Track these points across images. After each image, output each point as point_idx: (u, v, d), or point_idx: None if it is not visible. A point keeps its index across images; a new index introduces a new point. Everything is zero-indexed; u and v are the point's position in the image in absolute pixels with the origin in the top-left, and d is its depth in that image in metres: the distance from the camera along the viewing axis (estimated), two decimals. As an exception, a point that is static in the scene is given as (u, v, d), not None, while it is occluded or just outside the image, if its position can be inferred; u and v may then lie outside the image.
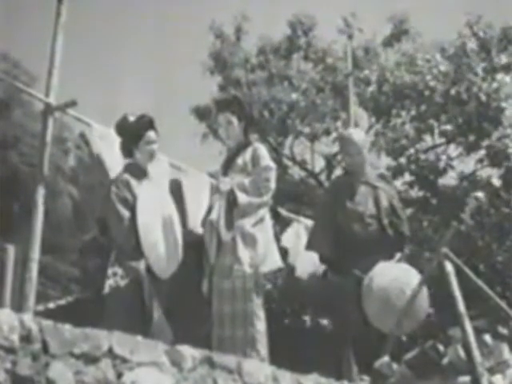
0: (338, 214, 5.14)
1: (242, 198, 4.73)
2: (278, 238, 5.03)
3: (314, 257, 5.51)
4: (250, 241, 4.71)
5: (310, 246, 5.35)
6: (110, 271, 4.40)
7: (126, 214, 4.45)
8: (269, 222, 4.90)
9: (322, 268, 5.44)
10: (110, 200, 4.50)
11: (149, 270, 4.43)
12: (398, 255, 5.14)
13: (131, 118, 4.73)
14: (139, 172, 4.69)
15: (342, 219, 5.12)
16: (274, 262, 4.85)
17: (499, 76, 12.47)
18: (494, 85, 12.22)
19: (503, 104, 12.12)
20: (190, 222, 5.78)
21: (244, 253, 4.67)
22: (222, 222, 4.72)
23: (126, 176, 4.62)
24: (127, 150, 4.76)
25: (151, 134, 4.73)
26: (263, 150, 4.99)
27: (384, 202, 5.24)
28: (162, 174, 5.58)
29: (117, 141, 4.85)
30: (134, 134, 4.69)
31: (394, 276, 4.83)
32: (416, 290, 4.48)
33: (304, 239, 6.02)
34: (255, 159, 4.91)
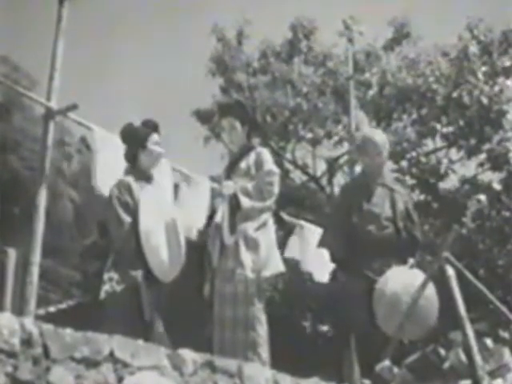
0: (354, 215, 5.09)
1: (245, 202, 4.71)
2: (280, 246, 4.99)
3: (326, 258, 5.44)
4: (253, 245, 4.69)
5: (321, 244, 5.33)
6: (105, 276, 4.36)
7: (126, 217, 4.43)
8: (271, 226, 4.89)
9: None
10: (111, 203, 4.49)
11: (148, 274, 4.40)
12: (411, 261, 5.11)
13: (136, 125, 4.73)
14: (142, 176, 4.68)
15: (357, 219, 5.07)
16: (276, 266, 4.83)
17: (501, 79, 12.48)
18: (496, 88, 12.23)
19: (505, 107, 12.14)
20: (190, 226, 5.77)
21: (246, 257, 4.66)
22: (224, 226, 4.71)
23: (128, 179, 4.61)
24: (132, 155, 4.73)
25: (156, 136, 4.73)
26: (267, 155, 4.98)
27: (400, 205, 5.22)
28: (164, 178, 5.58)
29: (120, 146, 4.83)
30: (139, 137, 4.68)
31: (408, 281, 4.79)
32: (419, 292, 4.46)
33: (312, 242, 5.97)
34: (258, 163, 4.89)
